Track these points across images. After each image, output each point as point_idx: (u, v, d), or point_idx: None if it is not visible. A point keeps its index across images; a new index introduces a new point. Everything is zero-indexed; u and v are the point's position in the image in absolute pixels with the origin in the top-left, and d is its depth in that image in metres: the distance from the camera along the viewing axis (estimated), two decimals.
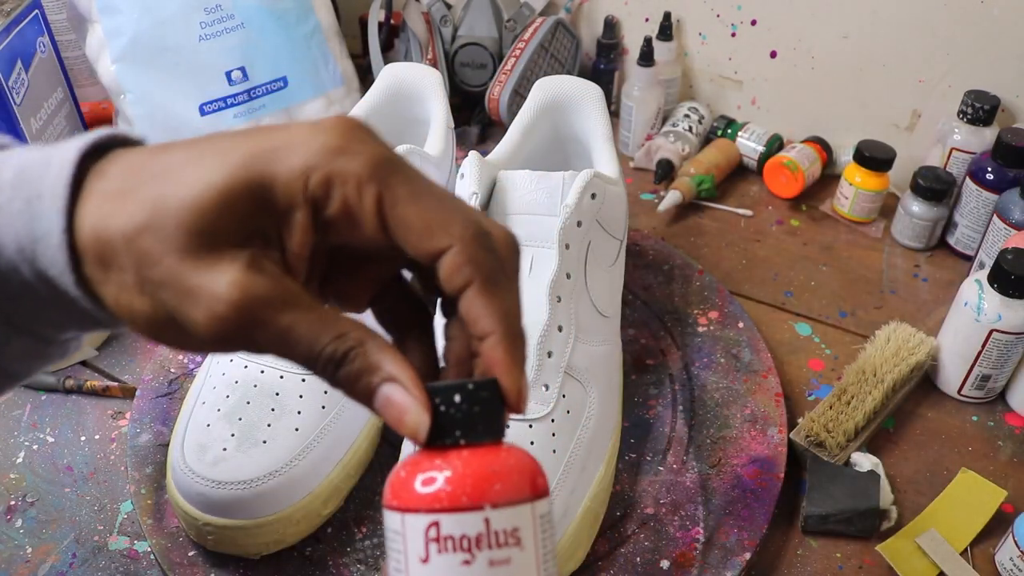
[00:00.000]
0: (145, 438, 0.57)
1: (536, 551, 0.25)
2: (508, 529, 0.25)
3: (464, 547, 0.24)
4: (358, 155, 0.27)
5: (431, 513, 0.25)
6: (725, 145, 0.85)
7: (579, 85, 0.63)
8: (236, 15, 0.76)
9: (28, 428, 0.59)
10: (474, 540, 0.24)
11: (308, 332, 0.26)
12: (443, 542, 0.25)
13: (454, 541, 0.24)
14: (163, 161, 0.27)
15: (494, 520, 0.25)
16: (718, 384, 0.61)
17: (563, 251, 0.51)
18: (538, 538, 0.25)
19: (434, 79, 0.65)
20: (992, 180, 0.70)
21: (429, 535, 0.25)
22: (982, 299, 0.58)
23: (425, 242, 0.27)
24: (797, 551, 0.52)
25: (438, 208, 0.27)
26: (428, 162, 0.58)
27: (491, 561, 0.25)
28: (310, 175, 0.26)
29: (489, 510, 0.25)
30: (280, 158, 0.26)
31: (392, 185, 0.27)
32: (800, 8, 0.81)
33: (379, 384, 0.26)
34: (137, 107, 0.75)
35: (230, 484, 0.47)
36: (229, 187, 0.26)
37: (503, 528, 0.25)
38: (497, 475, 0.25)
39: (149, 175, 0.26)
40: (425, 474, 0.25)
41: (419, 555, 0.25)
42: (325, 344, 0.26)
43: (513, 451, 0.26)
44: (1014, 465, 0.57)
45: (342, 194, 0.26)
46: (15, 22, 0.71)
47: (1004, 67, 0.74)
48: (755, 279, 0.73)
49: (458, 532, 0.24)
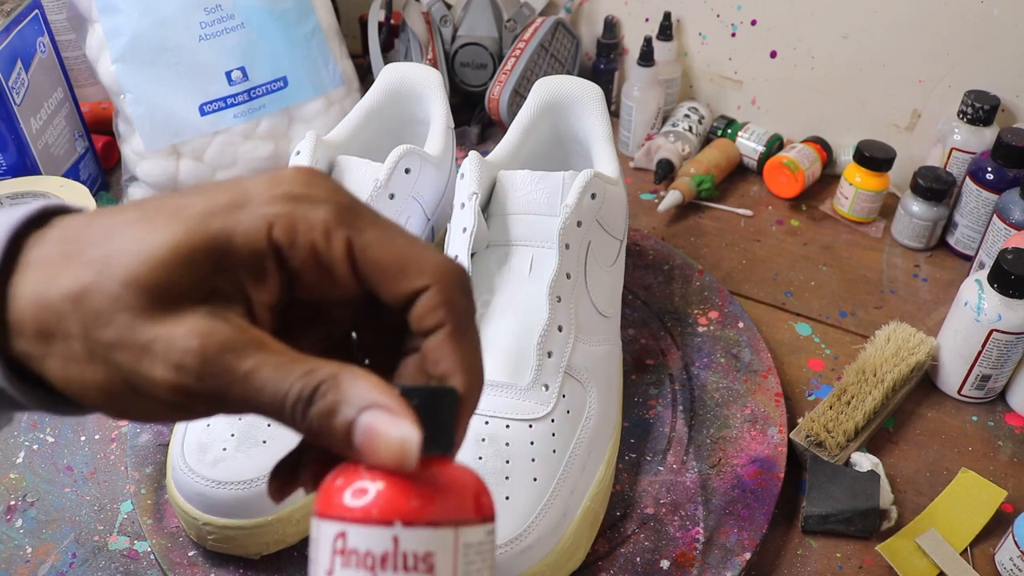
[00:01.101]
0: (145, 438, 0.57)
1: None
2: (419, 553, 0.22)
3: (368, 565, 0.22)
4: (322, 202, 0.26)
5: (340, 522, 0.23)
6: (725, 145, 0.85)
7: (579, 85, 0.63)
8: (236, 15, 0.76)
9: (28, 428, 0.59)
10: (379, 559, 0.22)
11: (275, 374, 0.24)
12: (347, 555, 0.22)
13: (358, 556, 0.22)
14: (110, 223, 0.25)
15: (403, 540, 0.22)
16: (718, 384, 0.61)
17: (563, 251, 0.51)
18: (458, 570, 0.23)
19: (434, 79, 0.65)
20: (992, 180, 0.70)
21: (336, 546, 0.23)
22: (982, 299, 0.58)
23: (400, 283, 0.26)
24: (797, 551, 0.52)
25: (410, 249, 0.26)
26: (428, 162, 0.58)
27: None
28: (273, 224, 0.25)
29: (400, 527, 0.22)
30: (239, 211, 0.25)
31: (361, 229, 0.26)
32: (800, 8, 0.81)
33: (357, 415, 0.23)
34: (137, 107, 0.75)
35: (230, 484, 0.47)
36: (184, 244, 0.24)
37: (413, 551, 0.22)
38: (418, 491, 0.23)
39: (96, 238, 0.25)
40: (348, 479, 0.23)
41: (325, 567, 0.23)
42: (292, 382, 0.24)
43: (457, 469, 0.24)
44: (1014, 465, 0.57)
45: (309, 241, 0.25)
46: (15, 22, 0.71)
47: (1004, 67, 0.74)
48: (755, 279, 0.73)
49: (363, 547, 0.22)
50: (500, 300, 0.52)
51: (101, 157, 0.85)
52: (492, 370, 0.49)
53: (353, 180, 0.56)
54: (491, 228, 0.54)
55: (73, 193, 0.65)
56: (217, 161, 0.79)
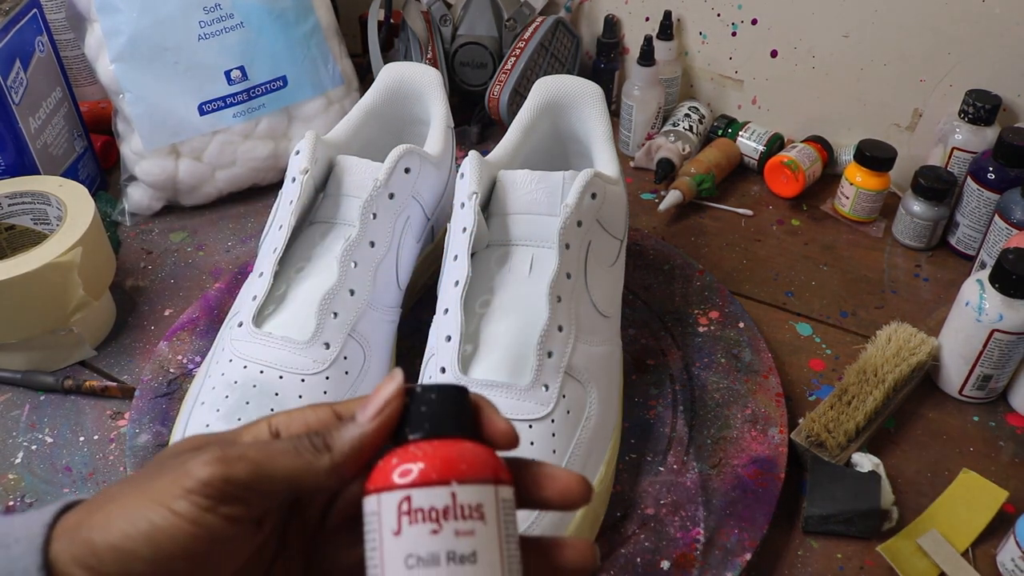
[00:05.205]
0: (144, 438, 0.57)
1: (499, 528, 0.27)
2: (473, 504, 0.27)
3: (432, 518, 0.27)
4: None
5: (404, 489, 0.27)
6: (726, 144, 0.85)
7: (579, 84, 0.63)
8: (235, 14, 0.76)
9: (27, 428, 0.59)
10: (441, 511, 0.27)
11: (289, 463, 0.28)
12: (414, 514, 0.27)
13: (423, 512, 0.27)
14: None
15: (460, 495, 0.27)
16: (718, 384, 0.61)
17: (563, 251, 0.51)
18: (500, 517, 0.28)
19: (434, 78, 0.65)
20: (993, 180, 0.70)
21: (401, 509, 0.27)
22: (983, 299, 0.58)
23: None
24: (798, 552, 0.52)
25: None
26: (428, 161, 0.58)
27: (457, 531, 0.27)
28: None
29: (456, 485, 0.27)
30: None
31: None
32: (801, 7, 0.81)
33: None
34: (136, 106, 0.75)
35: None
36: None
37: (468, 503, 0.27)
38: (463, 458, 0.28)
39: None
40: (398, 459, 0.28)
41: (392, 528, 0.27)
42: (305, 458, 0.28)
43: (478, 444, 0.29)
44: (1015, 465, 0.57)
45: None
46: (14, 21, 0.71)
47: (1005, 66, 0.74)
48: (756, 279, 0.73)
49: (427, 504, 0.27)
50: (500, 300, 0.52)
51: (100, 157, 0.85)
52: (492, 370, 0.49)
53: (353, 180, 0.56)
54: (491, 228, 0.54)
55: (72, 192, 0.65)
56: (216, 161, 0.78)
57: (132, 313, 0.69)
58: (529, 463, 0.30)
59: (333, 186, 0.57)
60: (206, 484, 0.26)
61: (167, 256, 0.76)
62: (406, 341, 0.61)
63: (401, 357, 0.60)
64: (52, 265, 0.59)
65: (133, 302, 0.70)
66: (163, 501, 0.27)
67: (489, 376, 0.49)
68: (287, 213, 0.55)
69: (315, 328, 0.52)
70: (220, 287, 0.69)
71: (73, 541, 0.27)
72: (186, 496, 0.26)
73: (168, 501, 0.26)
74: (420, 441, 0.28)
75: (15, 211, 0.66)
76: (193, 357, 0.63)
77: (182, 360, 0.62)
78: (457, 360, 0.49)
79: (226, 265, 0.75)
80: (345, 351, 0.53)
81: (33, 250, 0.59)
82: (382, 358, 0.56)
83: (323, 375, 0.51)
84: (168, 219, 0.80)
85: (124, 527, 0.26)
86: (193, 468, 0.27)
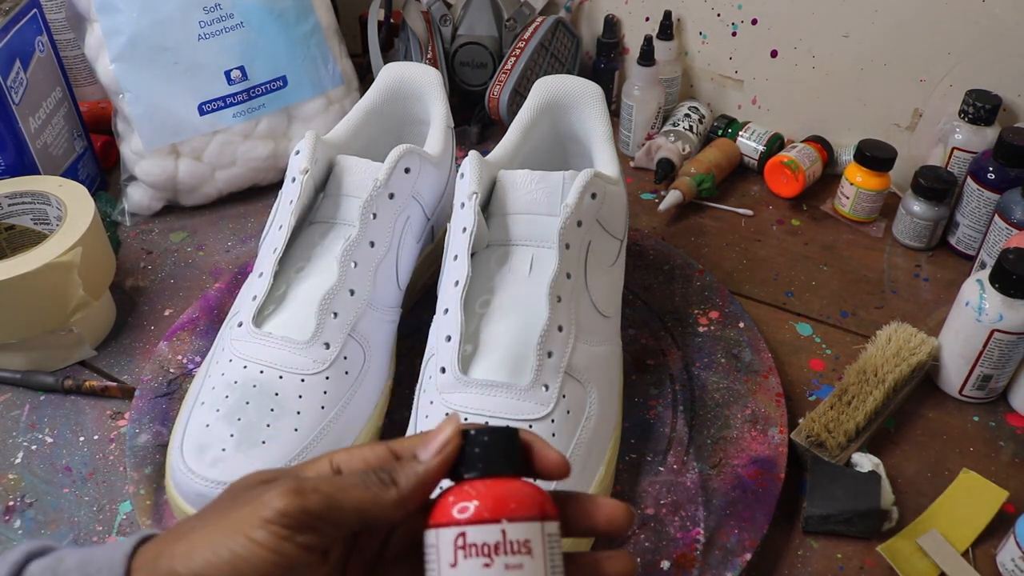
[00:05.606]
0: (144, 438, 0.57)
1: (545, 561, 0.30)
2: (521, 540, 0.30)
3: (485, 552, 0.30)
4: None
5: (459, 526, 0.30)
6: (726, 144, 0.85)
7: (579, 84, 0.63)
8: (235, 14, 0.76)
9: (27, 428, 0.59)
10: (493, 547, 0.30)
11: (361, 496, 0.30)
12: (468, 549, 0.30)
13: (477, 547, 0.30)
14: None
15: (509, 532, 0.30)
16: (719, 384, 0.61)
17: (563, 251, 0.51)
18: (546, 551, 0.30)
19: (434, 78, 0.65)
20: (993, 180, 0.70)
21: (457, 544, 0.30)
22: (983, 299, 0.58)
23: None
24: (798, 552, 0.52)
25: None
26: (428, 161, 0.58)
27: (507, 565, 0.30)
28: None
29: (505, 523, 0.30)
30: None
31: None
32: (801, 7, 0.81)
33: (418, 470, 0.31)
34: (136, 106, 0.75)
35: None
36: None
37: (517, 539, 0.30)
38: (513, 497, 0.31)
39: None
40: (455, 497, 0.31)
41: (449, 561, 0.30)
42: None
43: (527, 483, 0.32)
44: (1015, 465, 0.57)
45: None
46: (13, 21, 0.71)
47: (1005, 66, 0.74)
48: (756, 279, 0.73)
49: (480, 540, 0.30)
50: (500, 300, 0.52)
51: (100, 156, 0.85)
52: (492, 370, 0.49)
53: (353, 180, 0.56)
54: (491, 228, 0.54)
55: (72, 192, 0.65)
56: (216, 161, 0.78)
57: (132, 313, 0.69)
58: (576, 495, 0.33)
59: (333, 186, 0.57)
60: (283, 514, 0.28)
61: (167, 256, 0.76)
62: (406, 341, 0.61)
63: (401, 357, 0.60)
64: (52, 265, 0.59)
65: (133, 302, 0.70)
66: (243, 531, 0.28)
67: (489, 376, 0.49)
68: (287, 213, 0.55)
69: (315, 328, 0.52)
70: (220, 287, 0.69)
71: (154, 571, 0.29)
72: (264, 526, 0.28)
73: (247, 531, 0.28)
74: (475, 480, 0.31)
75: (15, 211, 0.66)
76: (193, 357, 0.63)
77: (182, 360, 0.62)
78: (457, 360, 0.49)
79: (226, 265, 0.75)
80: (345, 351, 0.53)
81: (33, 250, 0.59)
82: (382, 358, 0.56)
83: (323, 375, 0.51)
84: (168, 219, 0.80)
85: (207, 556, 0.28)
86: (270, 499, 0.28)
